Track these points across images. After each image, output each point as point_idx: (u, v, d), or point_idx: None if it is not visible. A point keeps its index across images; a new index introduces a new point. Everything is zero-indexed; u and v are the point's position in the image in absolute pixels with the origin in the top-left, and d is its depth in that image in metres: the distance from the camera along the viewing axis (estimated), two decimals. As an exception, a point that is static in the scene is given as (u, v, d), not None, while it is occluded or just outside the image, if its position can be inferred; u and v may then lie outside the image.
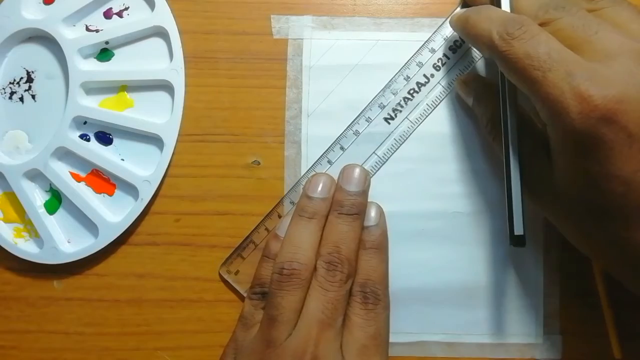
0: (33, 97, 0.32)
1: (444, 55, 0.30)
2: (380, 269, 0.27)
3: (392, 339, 0.29)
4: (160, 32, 0.32)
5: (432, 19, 0.31)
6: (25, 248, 0.31)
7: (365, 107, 0.30)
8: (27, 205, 0.31)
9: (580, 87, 0.21)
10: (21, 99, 0.32)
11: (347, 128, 0.30)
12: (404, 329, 0.30)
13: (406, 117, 0.30)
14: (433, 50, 0.31)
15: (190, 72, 0.31)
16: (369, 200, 0.29)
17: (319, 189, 0.28)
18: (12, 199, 0.31)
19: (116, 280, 0.31)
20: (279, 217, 0.30)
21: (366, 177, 0.28)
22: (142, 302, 0.30)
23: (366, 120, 0.30)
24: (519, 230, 0.25)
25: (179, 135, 0.31)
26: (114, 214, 0.31)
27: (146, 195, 0.30)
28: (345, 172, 0.28)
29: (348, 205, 0.27)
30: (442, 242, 0.30)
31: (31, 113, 0.32)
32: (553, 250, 0.30)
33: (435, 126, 0.31)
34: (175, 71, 0.31)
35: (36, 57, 0.32)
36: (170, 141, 0.31)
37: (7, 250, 0.31)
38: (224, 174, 0.31)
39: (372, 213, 0.28)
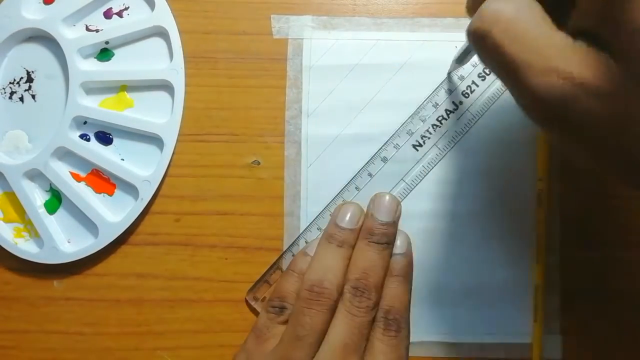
0: (33, 97, 0.32)
1: (473, 82, 0.30)
2: (404, 298, 0.27)
3: (392, 339, 0.29)
4: (160, 32, 0.32)
5: (432, 19, 0.31)
6: (25, 248, 0.31)
7: (393, 134, 0.30)
8: (27, 205, 0.31)
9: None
10: (21, 99, 0.32)
11: (374, 155, 0.30)
12: (404, 329, 0.30)
13: (434, 145, 0.30)
14: (462, 78, 0.30)
15: (190, 72, 0.31)
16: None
17: (347, 218, 0.28)
18: (12, 199, 0.31)
19: (116, 280, 0.31)
20: (306, 242, 0.29)
21: (397, 206, 0.28)
22: (142, 302, 0.30)
23: (394, 147, 0.30)
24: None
25: (179, 135, 0.31)
26: (114, 213, 0.31)
27: (146, 195, 0.30)
28: (376, 200, 0.28)
29: (379, 234, 0.27)
30: (442, 243, 0.30)
31: (31, 113, 0.32)
32: (553, 250, 0.30)
33: (435, 126, 0.31)
34: (175, 71, 0.31)
35: (36, 57, 0.32)
36: (170, 141, 0.31)
37: (7, 250, 0.31)
38: (224, 174, 0.31)
39: (400, 241, 0.28)
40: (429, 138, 0.30)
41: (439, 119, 0.30)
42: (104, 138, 0.32)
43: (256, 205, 0.31)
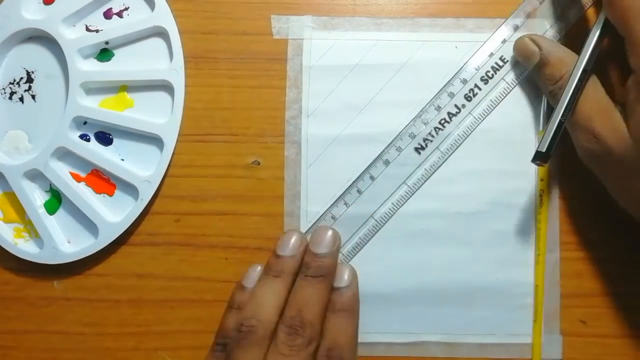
0: (33, 97, 0.32)
1: (476, 85, 0.30)
2: (348, 333, 0.26)
3: (392, 339, 0.29)
4: (160, 32, 0.32)
5: (432, 19, 0.31)
6: (25, 248, 0.31)
7: (395, 137, 0.30)
8: (27, 205, 0.31)
9: None
10: (21, 99, 0.32)
11: (376, 158, 0.30)
12: (404, 329, 0.30)
13: (437, 148, 0.30)
14: (465, 81, 0.30)
15: (190, 72, 0.31)
16: (345, 261, 0.29)
17: (288, 246, 0.27)
18: (12, 199, 0.31)
19: (116, 280, 0.31)
20: None
21: (335, 239, 0.28)
22: (142, 302, 0.30)
23: (396, 149, 0.30)
24: (542, 147, 0.26)
25: (179, 135, 0.31)
26: (114, 214, 0.31)
27: (146, 195, 0.30)
28: (314, 234, 0.28)
29: (314, 267, 0.26)
30: (442, 242, 0.30)
31: (31, 113, 0.32)
32: (553, 250, 0.30)
33: (435, 126, 0.31)
34: (175, 71, 0.31)
35: (36, 57, 0.32)
36: (170, 141, 0.31)
37: (7, 250, 0.31)
38: (224, 174, 0.31)
39: (345, 275, 0.27)
40: (431, 141, 0.30)
41: (442, 122, 0.30)
42: (104, 138, 0.32)
43: (256, 205, 0.31)
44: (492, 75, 0.30)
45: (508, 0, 0.31)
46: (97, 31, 0.32)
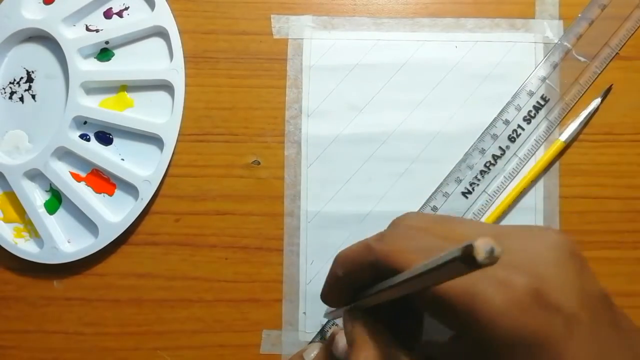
0: (33, 97, 0.32)
1: (519, 126, 0.30)
2: None
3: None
4: (160, 32, 0.32)
5: (432, 19, 0.31)
6: (25, 248, 0.31)
7: (442, 182, 0.30)
8: (27, 205, 0.31)
9: (494, 272, 0.16)
10: (21, 99, 0.32)
11: (424, 204, 0.30)
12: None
13: (484, 191, 0.30)
14: (507, 122, 0.30)
15: (190, 72, 0.31)
16: None
17: (340, 347, 0.24)
18: (12, 198, 0.31)
19: (116, 280, 0.31)
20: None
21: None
22: (142, 302, 0.30)
23: (443, 195, 0.30)
24: None
25: (179, 135, 0.31)
26: (114, 214, 0.31)
27: (146, 195, 0.30)
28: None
29: None
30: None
31: (31, 113, 0.32)
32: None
33: (435, 126, 0.31)
34: (175, 71, 0.31)
35: (36, 57, 0.32)
36: (170, 141, 0.31)
37: (7, 250, 0.31)
38: (224, 174, 0.31)
39: None
40: (477, 185, 0.30)
41: (487, 164, 0.30)
42: (104, 138, 0.32)
43: (256, 205, 0.31)
44: (535, 114, 0.30)
45: (508, 0, 0.31)
46: (97, 31, 0.32)
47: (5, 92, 0.32)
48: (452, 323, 0.18)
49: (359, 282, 0.21)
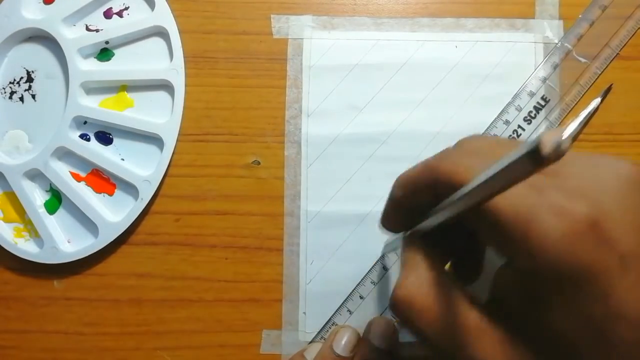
0: (33, 97, 0.32)
1: (519, 127, 0.30)
2: None
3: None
4: (160, 32, 0.32)
5: (432, 19, 0.31)
6: (25, 248, 0.31)
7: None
8: (27, 205, 0.31)
9: (553, 198, 0.16)
10: (21, 99, 0.32)
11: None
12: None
13: None
14: (507, 123, 0.30)
15: (190, 72, 0.31)
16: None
17: (342, 344, 0.27)
18: (12, 198, 0.31)
19: (116, 280, 0.31)
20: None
21: (393, 331, 0.27)
22: (142, 302, 0.30)
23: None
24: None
25: (179, 135, 0.31)
26: (114, 213, 0.31)
27: (146, 195, 0.30)
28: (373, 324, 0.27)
29: None
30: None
31: (31, 113, 0.32)
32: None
33: (435, 126, 0.31)
34: (175, 71, 0.31)
35: (36, 57, 0.32)
36: (170, 141, 0.31)
37: (7, 250, 0.31)
38: (224, 174, 0.31)
39: None
40: None
41: None
42: (104, 138, 0.32)
43: (256, 205, 0.31)
44: (535, 114, 0.30)
45: (508, 0, 0.31)
46: (97, 31, 0.32)
47: (5, 92, 0.32)
48: (505, 249, 0.17)
49: (418, 205, 0.20)
